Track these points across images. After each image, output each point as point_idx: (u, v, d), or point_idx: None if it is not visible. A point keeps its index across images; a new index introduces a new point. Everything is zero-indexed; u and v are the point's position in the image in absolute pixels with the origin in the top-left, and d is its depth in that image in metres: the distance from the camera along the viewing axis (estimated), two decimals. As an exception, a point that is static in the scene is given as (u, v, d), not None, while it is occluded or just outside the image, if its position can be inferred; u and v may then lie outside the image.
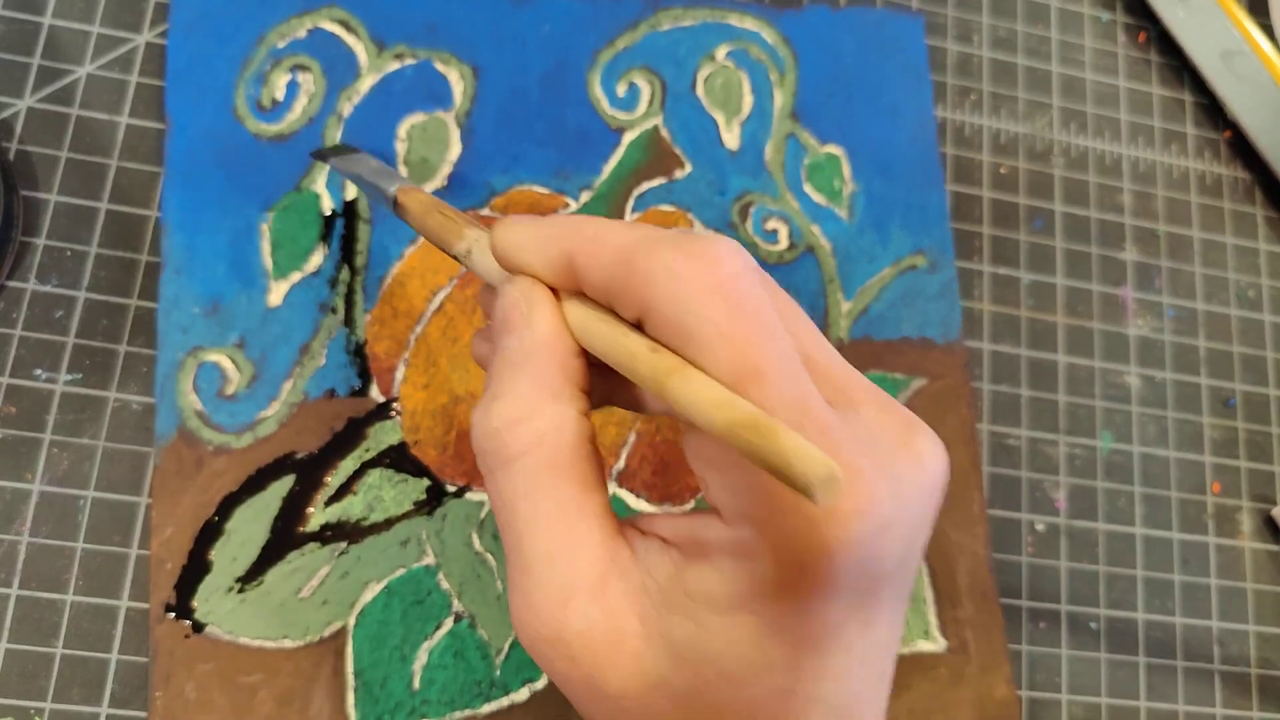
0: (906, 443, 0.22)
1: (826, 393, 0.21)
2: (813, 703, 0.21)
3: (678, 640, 0.21)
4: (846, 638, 0.21)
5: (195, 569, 0.34)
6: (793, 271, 0.40)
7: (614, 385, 0.24)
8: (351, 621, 0.34)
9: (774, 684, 0.20)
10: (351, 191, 0.38)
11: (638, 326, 0.21)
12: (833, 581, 0.20)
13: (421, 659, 0.34)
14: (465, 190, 0.38)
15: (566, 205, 0.39)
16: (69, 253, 0.36)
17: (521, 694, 0.35)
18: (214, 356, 0.35)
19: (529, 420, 0.22)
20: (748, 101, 0.42)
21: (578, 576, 0.21)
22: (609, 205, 0.39)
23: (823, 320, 0.40)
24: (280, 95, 0.38)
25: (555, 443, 0.22)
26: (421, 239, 0.38)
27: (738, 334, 0.20)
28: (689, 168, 0.40)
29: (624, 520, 0.23)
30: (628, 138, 0.40)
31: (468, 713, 0.34)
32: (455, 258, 0.26)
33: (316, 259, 0.37)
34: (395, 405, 0.36)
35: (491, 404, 0.22)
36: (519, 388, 0.22)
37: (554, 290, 0.23)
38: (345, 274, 0.37)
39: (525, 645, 0.22)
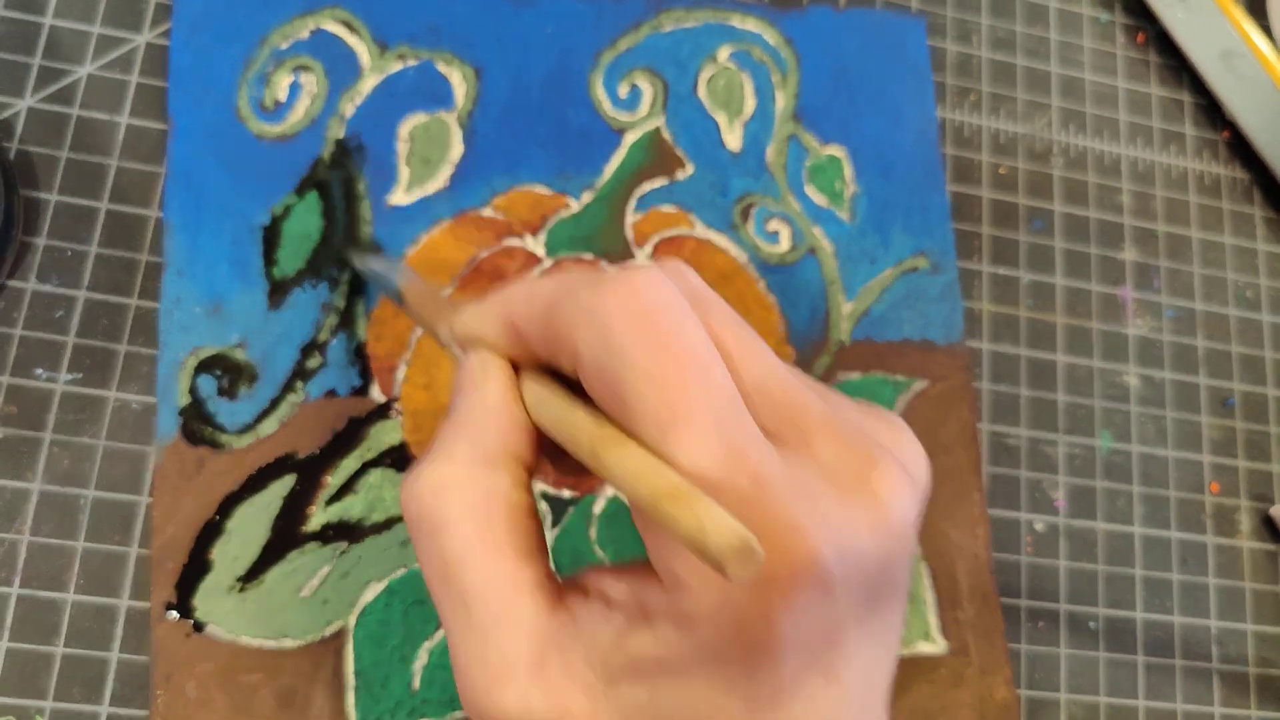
0: (864, 482, 0.20)
1: (775, 425, 0.20)
2: None
3: (630, 709, 0.20)
4: (807, 690, 0.19)
5: (196, 568, 0.34)
6: (794, 273, 0.40)
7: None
8: (352, 621, 0.34)
9: None
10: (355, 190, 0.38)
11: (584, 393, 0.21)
12: (776, 646, 0.19)
13: (422, 659, 0.34)
14: (467, 190, 0.38)
15: (567, 206, 0.39)
16: (69, 252, 0.36)
17: (522, 694, 0.35)
18: (215, 356, 0.35)
19: (459, 488, 0.21)
20: (750, 103, 0.42)
21: (514, 655, 0.20)
22: (610, 206, 0.39)
23: (824, 322, 0.40)
24: (283, 96, 0.38)
25: (486, 513, 0.21)
26: (423, 239, 0.38)
27: (661, 374, 0.19)
28: (691, 169, 0.40)
29: (566, 580, 0.22)
30: (629, 139, 0.40)
31: (468, 712, 0.34)
32: (442, 347, 0.26)
33: (318, 259, 0.37)
34: (396, 405, 0.36)
35: (423, 468, 0.21)
36: (454, 452, 0.21)
37: (519, 369, 0.23)
38: (346, 273, 0.37)
39: None
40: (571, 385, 0.22)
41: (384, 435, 0.36)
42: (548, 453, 0.23)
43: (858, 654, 0.20)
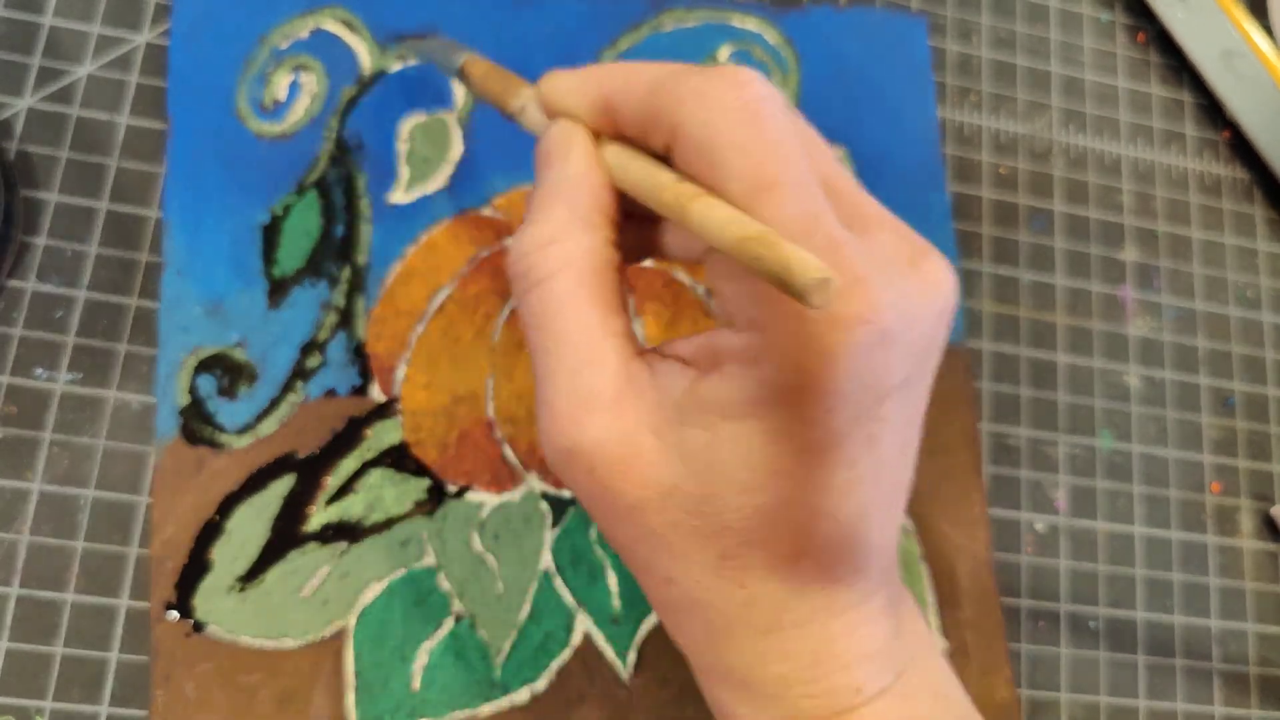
0: (916, 264, 0.23)
1: (843, 215, 0.22)
2: (818, 515, 0.22)
3: (690, 449, 0.22)
4: (850, 452, 0.21)
5: (195, 568, 0.34)
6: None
7: (643, 234, 0.26)
8: (351, 621, 0.34)
9: (780, 493, 0.21)
10: (356, 189, 0.38)
11: (667, 162, 0.23)
12: (834, 388, 0.20)
13: (421, 659, 0.34)
14: (467, 190, 0.38)
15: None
16: (69, 252, 0.36)
17: (522, 695, 0.35)
18: (215, 356, 0.35)
19: (559, 243, 0.23)
20: (750, 102, 0.42)
21: (597, 391, 0.22)
22: (610, 205, 0.39)
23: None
24: (282, 95, 0.38)
25: (583, 265, 0.23)
26: (423, 238, 0.38)
27: (755, 148, 0.21)
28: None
29: (646, 347, 0.24)
30: (629, 138, 0.40)
31: (468, 713, 0.34)
32: (511, 116, 0.28)
33: (318, 258, 0.37)
34: (396, 405, 0.36)
35: (526, 229, 0.23)
36: (552, 214, 0.23)
37: (596, 137, 0.25)
38: (347, 273, 0.37)
39: (549, 459, 0.23)
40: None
41: (384, 435, 0.36)
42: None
43: (893, 426, 0.22)
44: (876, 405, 0.21)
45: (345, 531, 0.35)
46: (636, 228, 0.26)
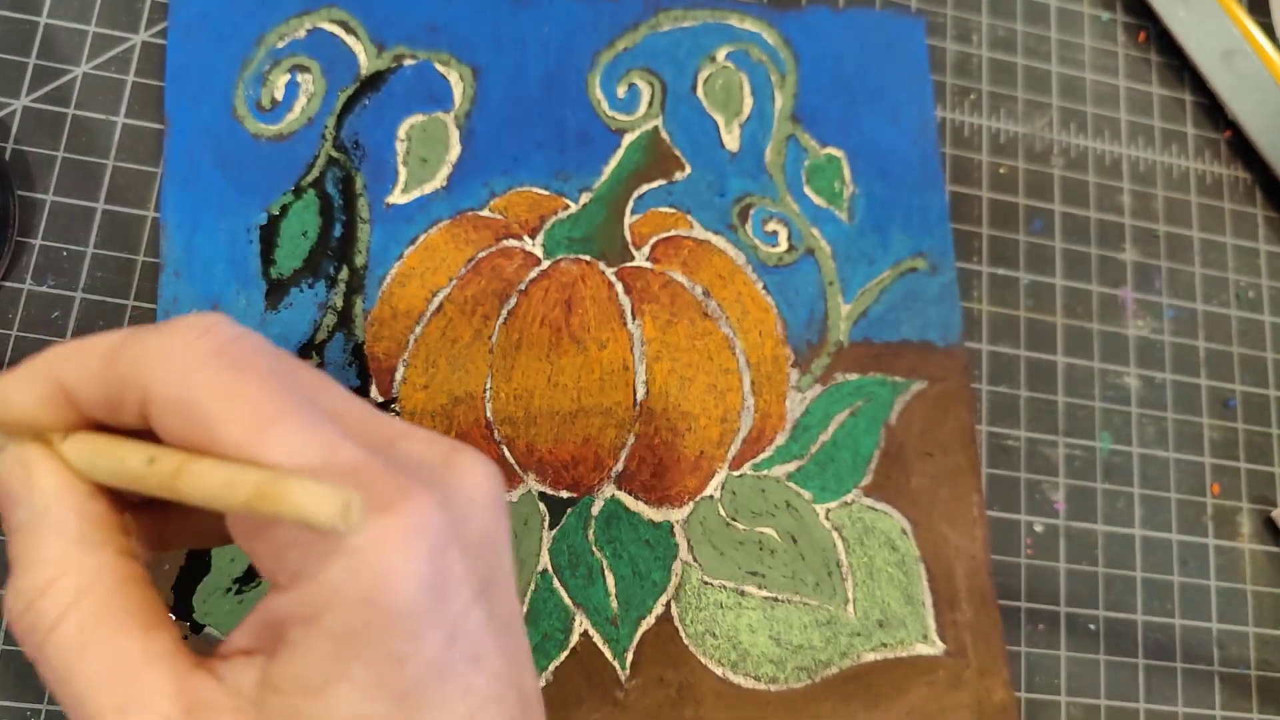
0: (450, 462, 0.21)
1: (360, 438, 0.20)
2: None
3: None
4: (460, 679, 0.20)
5: (194, 570, 0.34)
6: (792, 274, 0.40)
7: (175, 516, 0.23)
8: (349, 623, 0.34)
9: None
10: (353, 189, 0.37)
11: (147, 434, 0.20)
12: (412, 610, 0.19)
13: (420, 660, 0.34)
14: (465, 191, 0.38)
15: (566, 207, 0.39)
16: (65, 253, 0.35)
17: (520, 696, 0.34)
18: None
19: (62, 579, 0.20)
20: (748, 103, 0.42)
21: None
22: (609, 207, 0.39)
23: (822, 323, 0.40)
24: (279, 95, 0.38)
25: (99, 593, 0.20)
26: (421, 240, 0.38)
27: (244, 388, 0.19)
28: (689, 169, 0.40)
29: (204, 654, 0.21)
30: (627, 139, 0.40)
31: (466, 714, 0.34)
32: None
33: (316, 259, 0.37)
34: (395, 406, 0.36)
35: (17, 581, 0.20)
36: (40, 552, 0.20)
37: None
38: (345, 274, 0.37)
39: None
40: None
41: (381, 436, 0.36)
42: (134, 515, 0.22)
43: (492, 633, 0.20)
44: (464, 617, 0.20)
45: (343, 533, 0.35)
46: (157, 514, 0.23)
